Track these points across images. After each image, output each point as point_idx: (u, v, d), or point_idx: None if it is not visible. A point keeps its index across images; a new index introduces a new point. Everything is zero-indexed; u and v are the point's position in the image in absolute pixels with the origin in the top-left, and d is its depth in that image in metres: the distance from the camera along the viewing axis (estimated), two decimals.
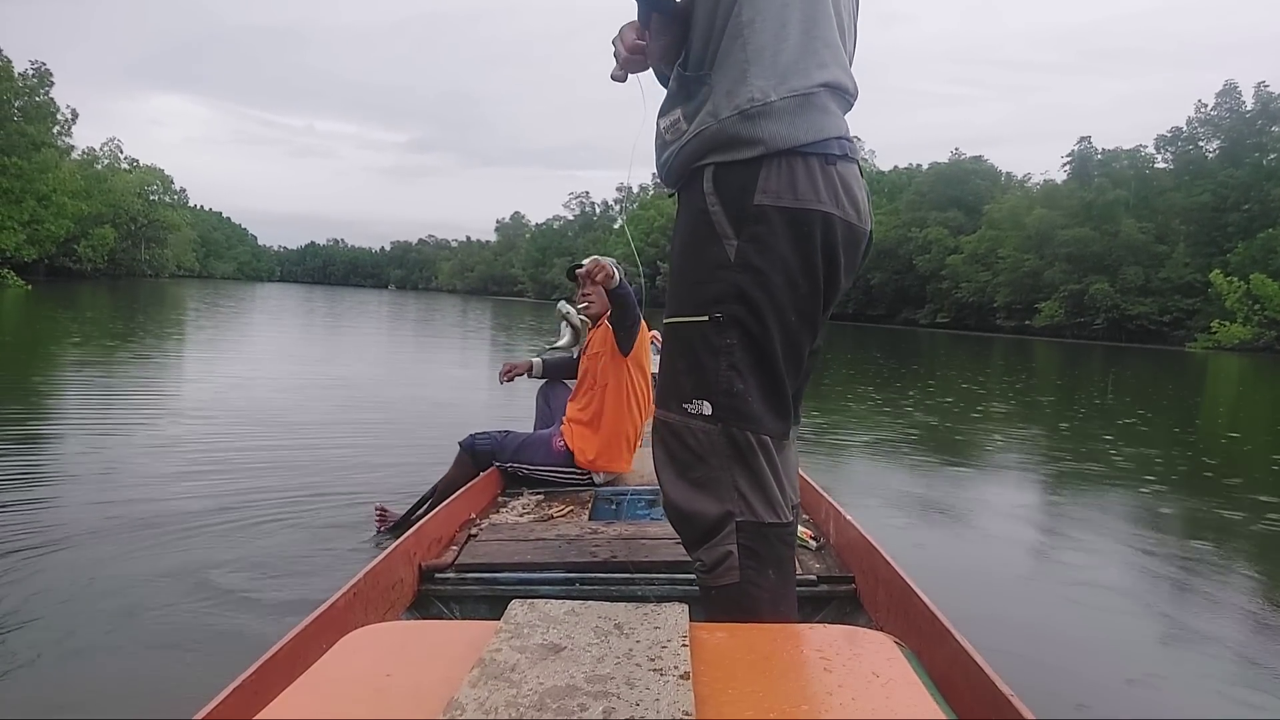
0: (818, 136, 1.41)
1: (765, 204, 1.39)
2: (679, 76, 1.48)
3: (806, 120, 1.40)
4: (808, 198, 1.40)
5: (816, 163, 1.41)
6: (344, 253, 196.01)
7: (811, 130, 1.40)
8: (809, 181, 1.40)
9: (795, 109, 1.40)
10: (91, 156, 61.23)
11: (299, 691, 0.96)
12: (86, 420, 5.52)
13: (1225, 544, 3.61)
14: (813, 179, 1.40)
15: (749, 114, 1.38)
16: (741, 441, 1.43)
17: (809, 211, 1.40)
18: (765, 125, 1.38)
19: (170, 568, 2.75)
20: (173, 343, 12.60)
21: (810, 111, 1.41)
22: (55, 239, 42.76)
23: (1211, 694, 2.18)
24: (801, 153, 1.40)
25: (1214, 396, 14.87)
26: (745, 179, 1.40)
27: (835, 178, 1.42)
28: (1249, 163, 47.51)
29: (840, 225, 1.44)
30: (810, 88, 1.41)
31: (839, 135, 1.44)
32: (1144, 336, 47.90)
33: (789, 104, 1.39)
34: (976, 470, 5.65)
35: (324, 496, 3.73)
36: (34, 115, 41.37)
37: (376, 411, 6.68)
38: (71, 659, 2.09)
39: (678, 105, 1.48)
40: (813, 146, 1.40)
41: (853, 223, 1.46)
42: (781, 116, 1.39)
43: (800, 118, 1.40)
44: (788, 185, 1.39)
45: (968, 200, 62.34)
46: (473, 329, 23.25)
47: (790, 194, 1.39)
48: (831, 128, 1.43)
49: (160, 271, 72.68)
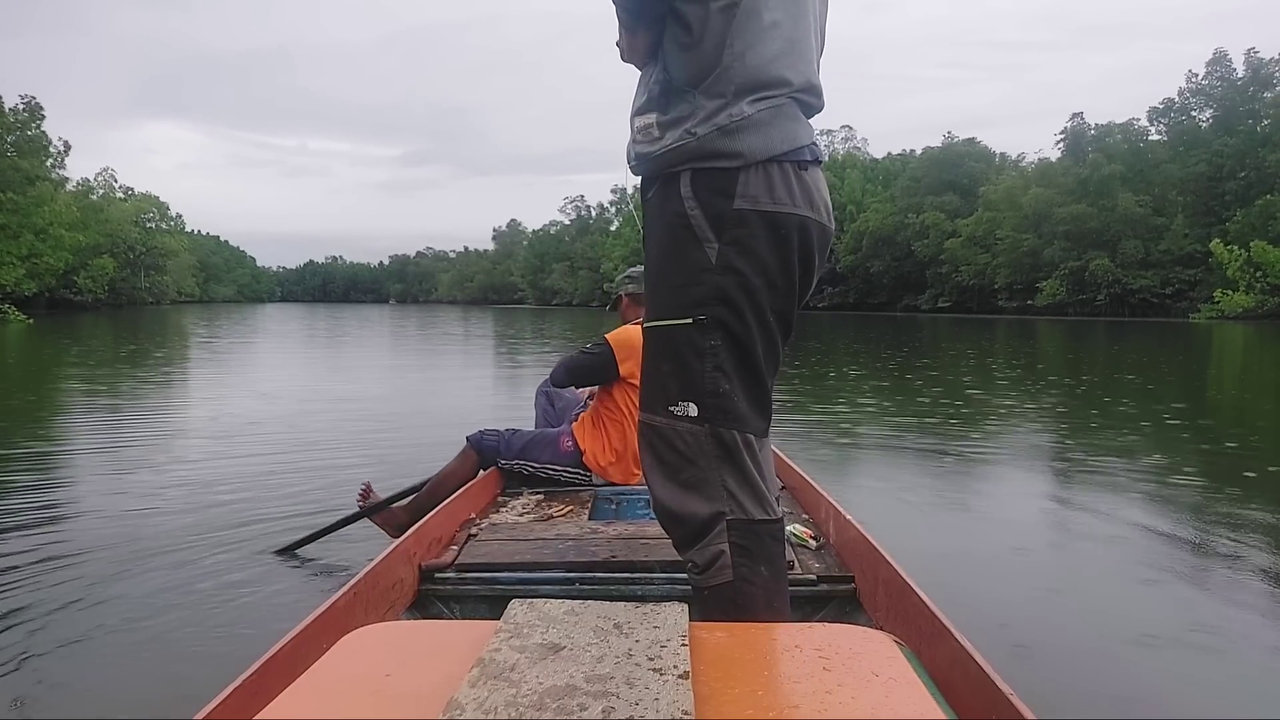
0: (793, 145, 1.46)
1: (744, 208, 1.43)
2: (664, 83, 1.49)
3: (781, 130, 1.45)
4: (785, 202, 1.44)
5: (791, 169, 1.46)
6: (343, 269, 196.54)
7: (786, 140, 1.45)
8: (785, 186, 1.45)
9: (770, 120, 1.44)
10: (86, 187, 61.33)
11: (299, 691, 0.96)
12: (90, 435, 5.53)
13: (1238, 536, 3.57)
14: (788, 184, 1.45)
15: (727, 130, 1.42)
16: (729, 441, 1.45)
17: (787, 215, 1.45)
18: (744, 139, 1.42)
19: (170, 569, 2.78)
20: (177, 366, 12.63)
21: (784, 121, 1.46)
22: (54, 271, 42.94)
23: (1216, 693, 2.16)
24: (777, 160, 1.44)
25: (1220, 366, 14.81)
26: (724, 184, 1.43)
27: (808, 182, 1.48)
28: (1243, 130, 47.43)
29: (814, 227, 1.49)
30: (784, 100, 1.46)
31: (808, 142, 1.50)
32: (1147, 310, 47.83)
33: (764, 115, 1.44)
34: (980, 461, 5.63)
35: (324, 499, 3.74)
36: (27, 149, 41.63)
37: (378, 422, 6.68)
38: (72, 660, 2.10)
39: (653, 110, 1.50)
40: (787, 155, 1.45)
41: (825, 224, 1.52)
42: (758, 129, 1.43)
43: (775, 128, 1.44)
44: (765, 190, 1.43)
45: (963, 183, 62.30)
46: (476, 337, 23.30)
47: (768, 198, 1.43)
48: (803, 135, 1.49)
49: (161, 298, 72.89)
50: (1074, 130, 57.29)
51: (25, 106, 42.08)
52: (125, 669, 2.08)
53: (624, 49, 1.56)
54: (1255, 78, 48.46)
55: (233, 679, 1.19)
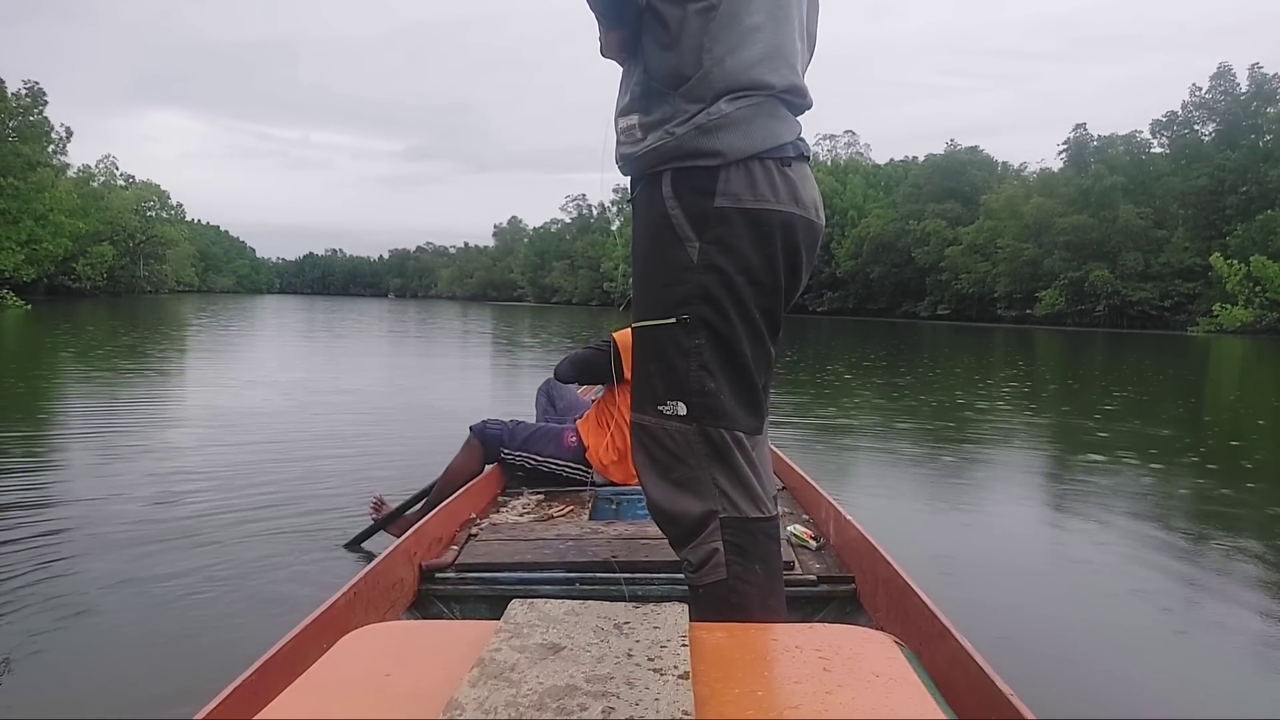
0: (775, 142, 1.45)
1: (726, 206, 1.42)
2: (645, 84, 1.48)
3: (762, 127, 1.44)
4: (766, 198, 1.43)
5: (773, 165, 1.45)
6: (342, 263, 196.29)
7: (768, 137, 1.44)
8: (768, 183, 1.44)
9: (750, 118, 1.43)
10: (87, 174, 61.25)
11: (299, 691, 0.96)
12: (89, 428, 5.51)
13: (1234, 537, 3.58)
14: (771, 180, 1.44)
15: (706, 128, 1.42)
16: (717, 439, 1.45)
17: (769, 211, 1.44)
18: (723, 137, 1.42)
19: (169, 569, 2.76)
20: (175, 356, 12.61)
21: (765, 119, 1.45)
22: (54, 258, 42.88)
23: (1215, 692, 2.16)
24: (759, 157, 1.43)
25: (1218, 380, 14.84)
26: (705, 182, 1.43)
27: (793, 178, 1.47)
28: (1245, 145, 47.49)
29: (800, 223, 1.48)
30: (765, 97, 1.45)
31: (793, 138, 1.48)
32: (1145, 322, 47.88)
33: (744, 113, 1.43)
34: (980, 464, 5.63)
35: (323, 498, 3.73)
36: (29, 135, 41.52)
37: (379, 416, 6.67)
38: (71, 659, 2.09)
39: (636, 111, 1.50)
40: (769, 152, 1.44)
41: (811, 220, 1.51)
42: (738, 126, 1.42)
43: (755, 126, 1.43)
44: (746, 187, 1.42)
45: (965, 191, 62.31)
46: (475, 333, 23.28)
47: (750, 195, 1.43)
48: (786, 132, 1.47)
49: (160, 287, 72.71)
50: (1077, 141, 57.34)
51: (28, 92, 42.00)
52: (125, 669, 2.06)
53: (601, 44, 1.56)
54: (1259, 93, 48.53)
55: (233, 679, 1.18)
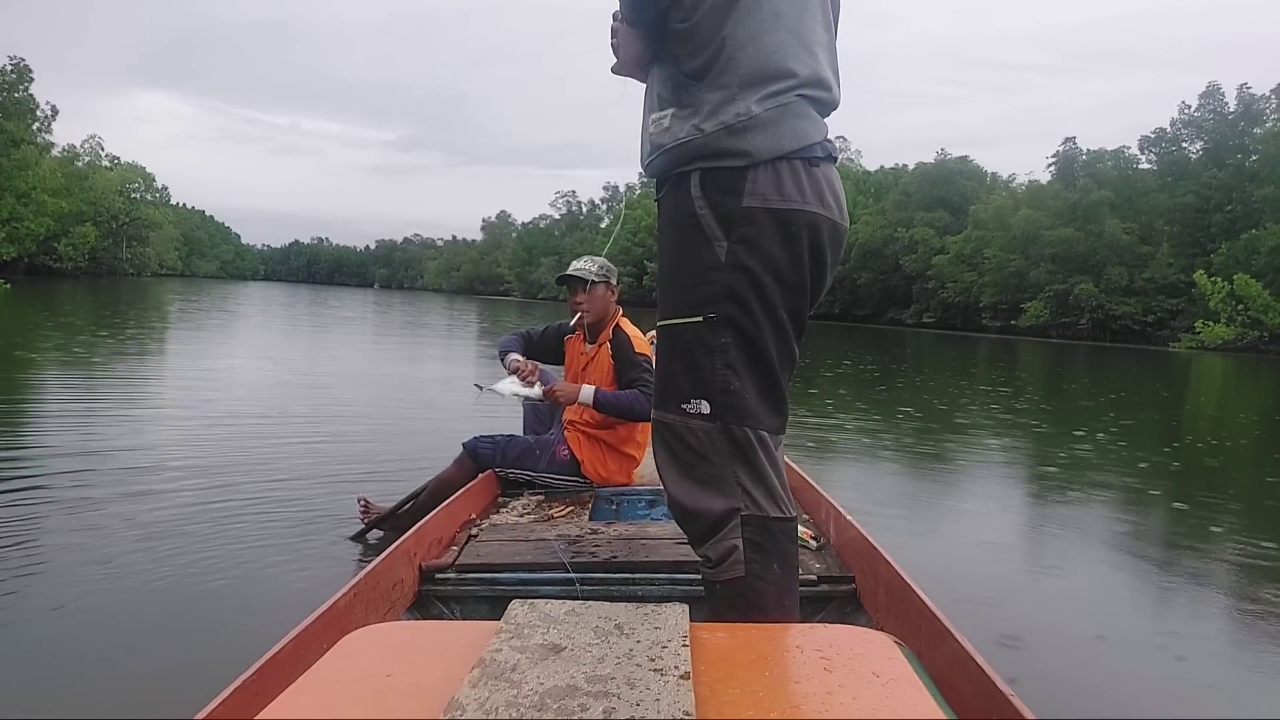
0: (802, 143, 1.45)
1: (754, 206, 1.43)
2: (675, 77, 1.49)
3: (789, 129, 1.44)
4: (794, 199, 1.44)
5: (800, 165, 1.45)
6: (328, 251, 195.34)
7: (795, 138, 1.45)
8: (794, 183, 1.44)
9: (778, 118, 1.43)
10: (72, 154, 60.57)
11: (299, 691, 0.95)
12: (79, 423, 5.44)
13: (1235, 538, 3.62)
14: (798, 181, 1.45)
15: (735, 129, 1.42)
16: (741, 438, 1.45)
17: (796, 212, 1.44)
18: (751, 138, 1.42)
19: (169, 569, 2.73)
20: (158, 343, 12.49)
21: (792, 119, 1.45)
22: (35, 237, 42.46)
23: (1216, 692, 2.17)
24: (786, 158, 1.44)
25: (1198, 396, 15.00)
26: (733, 183, 1.43)
27: (820, 178, 1.47)
28: (1231, 164, 48.00)
29: (825, 224, 1.49)
30: (792, 97, 1.45)
31: (820, 139, 1.49)
32: (1128, 336, 48.33)
33: (772, 114, 1.43)
34: (973, 470, 5.66)
35: (323, 497, 3.70)
36: (13, 111, 41.12)
37: (370, 411, 6.64)
38: (71, 659, 2.06)
39: (669, 106, 1.50)
40: (796, 153, 1.45)
41: (836, 221, 1.52)
42: (765, 128, 1.42)
43: (783, 126, 1.44)
44: (774, 187, 1.43)
45: (954, 200, 62.69)
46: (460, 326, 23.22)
47: (777, 195, 1.43)
48: (813, 132, 1.48)
49: (142, 270, 71.99)
50: (1066, 154, 57.78)
51: (14, 68, 41.56)
52: (125, 669, 2.04)
53: (617, 52, 1.56)
54: (1246, 113, 49.07)
55: (233, 679, 1.18)
